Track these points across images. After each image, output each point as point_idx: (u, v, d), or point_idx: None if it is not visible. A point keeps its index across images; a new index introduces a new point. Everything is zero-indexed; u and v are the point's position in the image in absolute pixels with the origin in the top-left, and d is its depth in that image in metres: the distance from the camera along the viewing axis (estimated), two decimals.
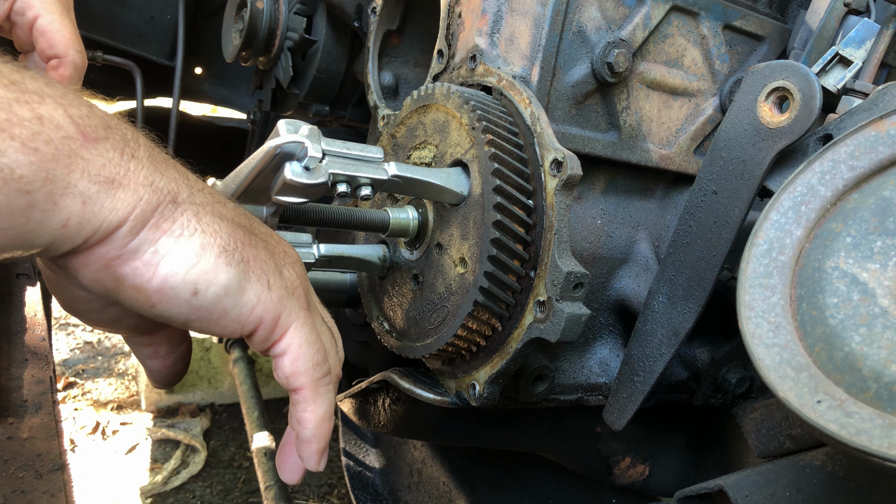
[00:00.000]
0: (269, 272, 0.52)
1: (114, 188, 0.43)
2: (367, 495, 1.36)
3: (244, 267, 0.49)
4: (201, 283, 0.47)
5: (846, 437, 0.44)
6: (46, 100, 0.42)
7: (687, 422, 1.16)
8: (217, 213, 0.49)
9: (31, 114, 0.40)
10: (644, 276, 0.94)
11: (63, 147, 0.41)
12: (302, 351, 0.54)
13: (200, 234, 0.47)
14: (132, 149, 0.45)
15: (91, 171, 0.42)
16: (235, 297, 0.49)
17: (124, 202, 0.44)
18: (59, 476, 0.81)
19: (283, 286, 0.53)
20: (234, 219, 0.52)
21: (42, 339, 1.08)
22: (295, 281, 0.55)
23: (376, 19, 1.07)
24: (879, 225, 0.54)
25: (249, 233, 0.52)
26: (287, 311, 0.52)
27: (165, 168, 0.47)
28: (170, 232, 0.46)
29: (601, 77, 0.86)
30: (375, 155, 0.74)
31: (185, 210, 0.47)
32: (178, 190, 0.47)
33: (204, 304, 0.48)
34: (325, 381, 0.56)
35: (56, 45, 0.85)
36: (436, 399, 0.87)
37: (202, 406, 2.72)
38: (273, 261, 0.53)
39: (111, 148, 0.44)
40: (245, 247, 0.50)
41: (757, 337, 0.54)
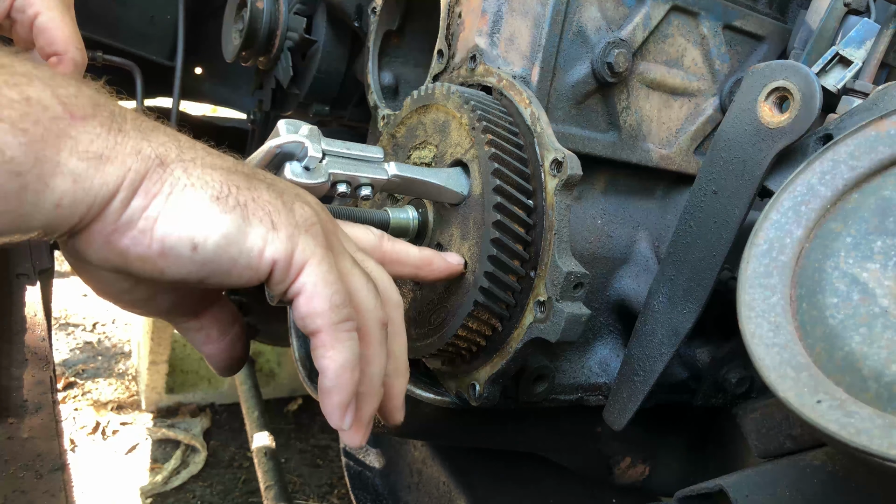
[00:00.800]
0: (274, 211, 0.50)
1: (102, 163, 0.44)
2: (367, 495, 1.36)
3: (241, 211, 0.48)
4: (198, 236, 0.46)
5: (846, 437, 0.44)
6: (34, 81, 0.42)
7: (687, 422, 1.16)
8: (209, 164, 0.49)
9: (20, 95, 0.41)
10: (644, 276, 0.94)
11: (51, 127, 0.42)
12: (317, 290, 0.51)
13: (189, 188, 0.47)
14: (119, 123, 0.46)
15: (79, 148, 0.43)
16: (238, 243, 0.48)
17: (113, 175, 0.44)
18: (59, 476, 0.81)
19: (291, 223, 0.51)
20: (231, 168, 0.51)
21: (42, 339, 1.08)
22: (309, 217, 0.53)
23: (376, 19, 1.07)
24: (880, 225, 0.54)
25: (249, 178, 0.51)
26: (300, 248, 0.51)
27: (154, 134, 0.48)
28: (159, 193, 0.46)
29: (601, 77, 0.86)
30: (375, 155, 0.74)
31: (174, 169, 0.47)
32: (166, 152, 0.47)
33: (208, 256, 0.47)
34: (345, 326, 0.52)
35: (56, 42, 0.86)
36: (436, 399, 0.87)
37: (202, 406, 2.72)
38: (280, 200, 0.52)
39: (98, 124, 0.44)
40: (241, 190, 0.49)
41: (757, 337, 0.54)
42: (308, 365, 1.31)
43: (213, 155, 0.51)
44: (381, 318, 0.57)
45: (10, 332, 1.07)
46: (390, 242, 0.70)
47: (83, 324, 3.12)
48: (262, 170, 0.57)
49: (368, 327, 0.56)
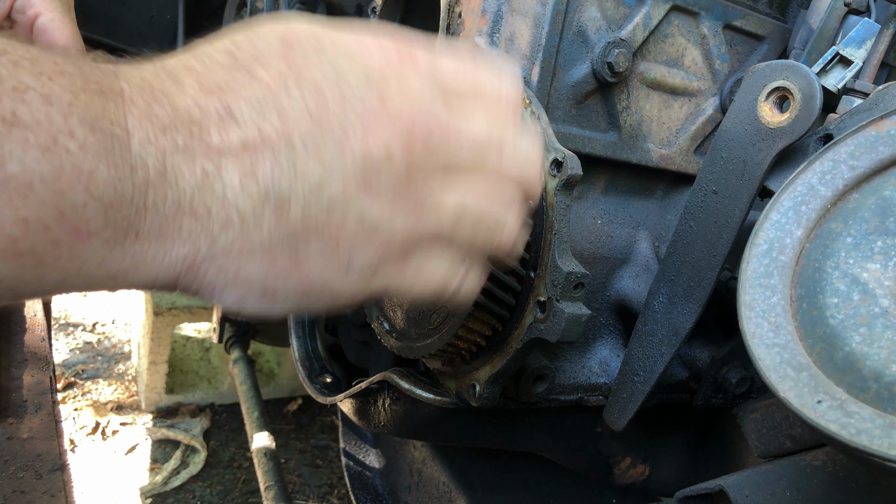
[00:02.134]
0: (331, 281, 0.47)
1: (118, 279, 0.39)
2: (367, 495, 1.36)
3: (297, 295, 0.46)
4: (263, 313, 0.46)
5: (846, 437, 0.44)
6: (33, 192, 0.34)
7: (687, 422, 1.16)
8: (245, 252, 0.42)
9: (13, 217, 0.33)
10: (644, 276, 0.94)
11: (51, 253, 0.35)
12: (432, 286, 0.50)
13: (232, 289, 0.43)
14: (136, 226, 0.38)
15: (87, 270, 0.37)
16: (311, 309, 0.48)
17: (139, 283, 0.40)
18: (59, 476, 0.81)
19: (352, 281, 0.47)
20: (273, 235, 0.43)
21: (42, 339, 1.08)
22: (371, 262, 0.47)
23: (376, 19, 1.07)
24: (880, 225, 0.54)
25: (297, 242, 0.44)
26: (382, 286, 0.49)
27: (178, 227, 0.39)
28: (199, 290, 0.43)
29: (601, 77, 0.86)
30: None
31: (207, 269, 0.41)
32: (195, 250, 0.40)
33: (278, 316, 0.48)
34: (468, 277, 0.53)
35: (56, 43, 0.86)
36: (436, 399, 0.87)
37: (202, 406, 2.72)
38: (335, 260, 0.47)
39: (110, 238, 0.37)
40: (290, 274, 0.46)
41: (757, 337, 0.54)
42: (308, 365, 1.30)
43: (250, 222, 0.41)
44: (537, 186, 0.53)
45: (10, 332, 1.07)
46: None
47: (83, 324, 3.12)
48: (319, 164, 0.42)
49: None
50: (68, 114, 0.35)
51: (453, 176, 0.47)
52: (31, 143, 0.33)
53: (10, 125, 0.33)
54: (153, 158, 0.38)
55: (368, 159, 0.43)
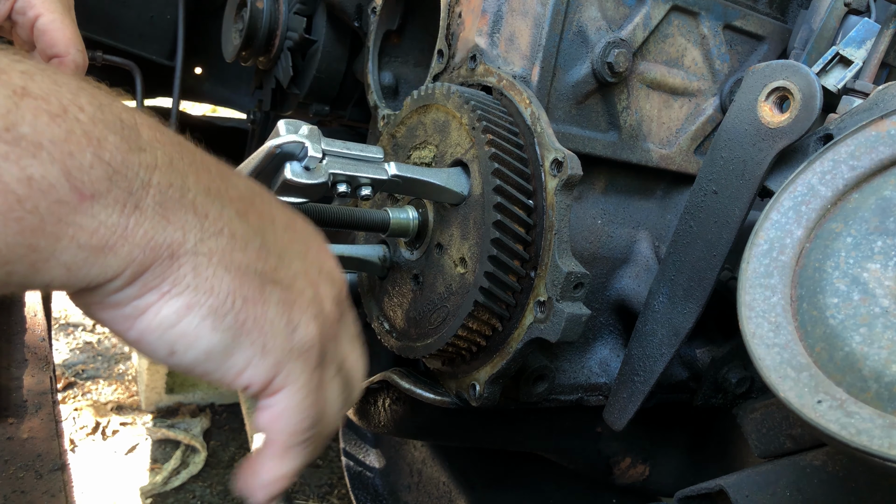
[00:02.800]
0: (271, 334, 0.46)
1: (103, 254, 0.38)
2: (367, 495, 1.36)
3: (235, 331, 0.44)
4: (178, 346, 0.43)
5: (846, 437, 0.44)
6: (42, 152, 0.35)
7: (687, 422, 1.16)
8: (225, 264, 0.43)
9: (19, 174, 0.34)
10: (644, 276, 0.94)
11: (51, 215, 0.36)
12: (286, 415, 0.48)
13: (191, 293, 0.42)
14: (137, 198, 0.39)
15: (80, 238, 0.37)
16: (219, 360, 0.44)
17: (113, 266, 0.39)
18: (59, 476, 0.81)
19: (286, 348, 0.47)
20: (250, 266, 0.45)
21: (42, 339, 1.08)
22: (309, 340, 0.49)
23: (376, 19, 1.07)
24: (880, 225, 0.54)
25: (265, 282, 0.46)
26: (283, 374, 0.47)
27: (176, 212, 0.41)
28: (156, 288, 0.41)
29: (601, 77, 0.86)
30: (375, 155, 0.74)
31: (183, 264, 0.41)
32: (183, 239, 0.41)
33: (182, 363, 0.44)
34: (300, 448, 0.50)
35: (57, 44, 0.85)
36: (436, 399, 0.87)
37: (202, 406, 2.72)
38: (286, 318, 0.47)
39: (110, 204, 0.38)
40: (247, 305, 0.44)
41: (757, 337, 0.54)
42: None
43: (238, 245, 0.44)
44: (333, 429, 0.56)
45: (10, 332, 1.07)
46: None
47: (83, 324, 3.12)
48: (291, 244, 0.50)
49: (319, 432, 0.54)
50: (77, 93, 0.37)
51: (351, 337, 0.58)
52: (41, 110, 0.35)
53: (22, 96, 0.35)
54: (162, 152, 0.41)
55: (322, 268, 0.52)
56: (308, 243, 0.52)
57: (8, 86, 0.35)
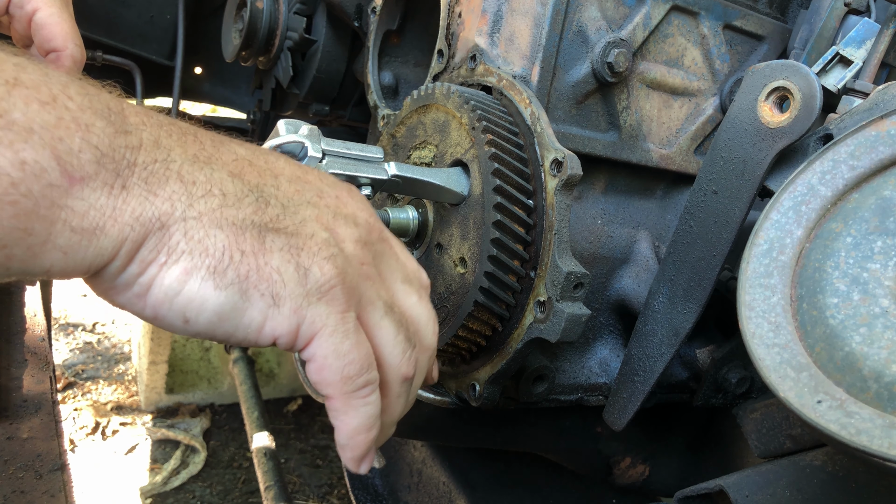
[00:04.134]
0: (279, 282, 0.45)
1: (96, 236, 0.40)
2: (367, 495, 1.36)
3: (239, 286, 0.44)
4: (189, 312, 0.43)
5: (846, 437, 0.44)
6: (34, 137, 0.37)
7: (687, 422, 1.16)
8: (217, 221, 0.44)
9: (14, 157, 0.36)
10: (644, 276, 0.94)
11: (44, 198, 0.37)
12: (327, 363, 0.47)
13: (187, 257, 0.43)
14: (124, 178, 0.40)
15: (73, 222, 0.39)
16: (232, 319, 0.44)
17: (108, 246, 0.40)
18: (59, 476, 0.81)
19: (300, 294, 0.46)
20: (245, 220, 0.45)
21: (42, 339, 1.08)
22: (328, 280, 0.47)
23: (376, 19, 1.07)
24: (880, 225, 0.54)
25: (265, 231, 0.46)
26: (308, 321, 0.46)
27: (162, 186, 0.42)
28: (154, 261, 0.42)
29: (601, 77, 0.86)
30: (375, 155, 0.74)
31: (175, 231, 0.42)
32: (171, 209, 0.42)
33: (200, 329, 0.44)
34: (360, 394, 0.49)
35: (55, 38, 0.85)
36: (436, 399, 0.87)
37: (202, 406, 2.72)
38: (294, 262, 0.46)
39: (99, 187, 0.39)
40: (246, 256, 0.44)
41: (757, 337, 0.54)
42: None
43: (230, 202, 0.45)
44: (406, 373, 0.54)
45: (10, 332, 1.07)
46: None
47: (83, 324, 3.12)
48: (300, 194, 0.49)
49: (390, 382, 0.53)
50: (66, 85, 0.40)
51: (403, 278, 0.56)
52: (32, 98, 0.37)
53: (13, 86, 0.37)
54: (147, 134, 0.43)
55: (340, 211, 0.51)
56: (322, 191, 0.51)
57: (1, 75, 0.37)
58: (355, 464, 0.52)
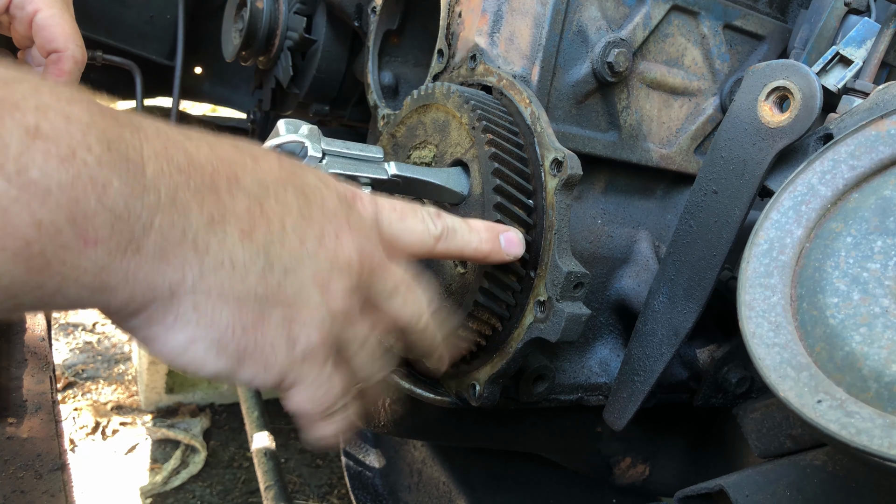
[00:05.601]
0: (272, 354, 0.49)
1: (105, 293, 0.41)
2: (367, 495, 1.36)
3: (238, 357, 0.48)
4: (190, 368, 0.47)
5: (846, 436, 0.44)
6: (51, 197, 0.36)
7: (687, 422, 1.16)
8: (224, 296, 0.45)
9: (30, 219, 0.36)
10: (644, 275, 0.94)
11: (57, 258, 0.37)
12: (303, 405, 0.54)
13: (193, 327, 0.45)
14: (138, 242, 0.40)
15: (83, 280, 0.39)
16: (228, 377, 0.49)
17: (115, 303, 0.42)
18: (59, 476, 0.81)
19: (287, 362, 0.50)
20: (251, 291, 0.47)
21: (42, 339, 1.08)
22: (312, 347, 0.51)
23: (376, 19, 1.07)
24: (880, 224, 0.54)
25: (265, 305, 0.48)
26: (290, 379, 0.51)
27: (176, 253, 0.43)
28: (161, 323, 0.44)
29: (601, 77, 0.86)
30: (375, 155, 0.74)
31: (183, 302, 0.44)
32: (182, 279, 0.43)
33: (200, 374, 0.48)
34: (330, 419, 0.56)
35: (56, 39, 0.85)
36: (436, 399, 0.87)
37: (202, 406, 2.72)
38: (286, 334, 0.49)
39: (113, 248, 0.39)
40: (247, 332, 0.47)
41: (757, 337, 0.54)
42: None
43: (238, 274, 0.46)
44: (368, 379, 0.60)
45: (10, 332, 1.07)
46: (445, 243, 0.65)
47: (83, 324, 3.12)
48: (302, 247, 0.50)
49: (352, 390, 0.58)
50: (87, 132, 0.38)
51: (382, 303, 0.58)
52: (51, 154, 0.36)
53: (34, 137, 0.36)
54: (166, 188, 0.42)
55: (336, 262, 0.52)
56: (323, 235, 0.52)
57: (22, 125, 0.36)
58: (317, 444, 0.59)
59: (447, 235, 0.65)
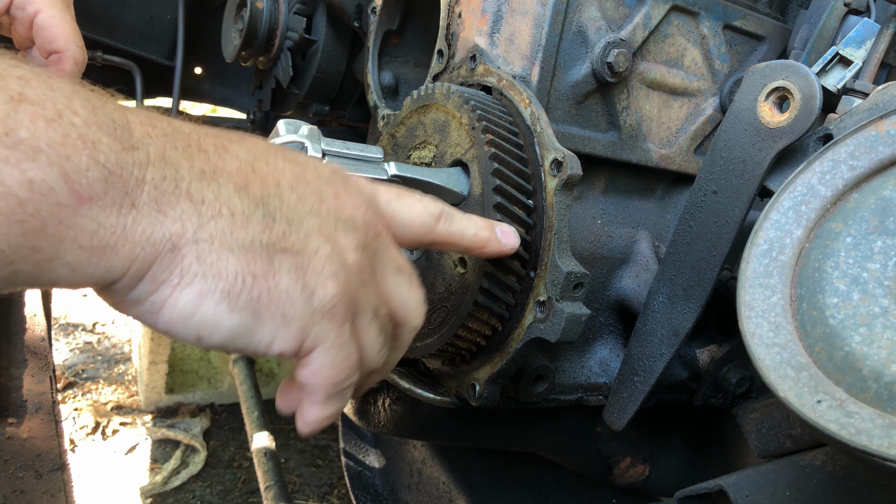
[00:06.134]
0: (289, 303, 0.47)
1: (105, 254, 0.39)
2: (367, 495, 1.36)
3: (253, 308, 0.45)
4: (203, 331, 0.44)
5: (846, 436, 0.44)
6: (41, 156, 0.36)
7: (687, 422, 1.16)
8: (228, 245, 0.44)
9: (21, 178, 0.35)
10: (644, 276, 0.94)
11: (52, 217, 0.37)
12: (322, 371, 0.50)
13: (200, 280, 0.43)
14: (133, 197, 0.40)
15: (81, 241, 0.38)
16: (244, 338, 0.46)
17: (117, 265, 0.40)
18: (59, 476, 0.81)
19: (307, 313, 0.47)
20: (254, 242, 0.45)
21: (42, 339, 1.08)
22: (331, 299, 0.49)
23: (376, 19, 1.07)
24: (879, 225, 0.54)
25: (273, 252, 0.46)
26: (312, 336, 0.48)
27: (172, 205, 0.42)
28: (167, 282, 0.42)
29: (601, 77, 0.86)
30: (375, 155, 0.74)
31: (187, 253, 0.42)
32: (181, 230, 0.42)
33: (213, 345, 0.45)
34: (340, 396, 0.52)
35: (56, 39, 0.85)
36: (436, 399, 0.87)
37: (202, 406, 2.72)
38: (301, 282, 0.47)
39: (108, 205, 0.39)
40: (258, 280, 0.45)
41: (757, 337, 0.54)
42: None
43: (238, 223, 0.45)
44: (373, 368, 0.57)
45: (10, 332, 1.07)
46: (446, 225, 0.64)
47: (83, 324, 3.12)
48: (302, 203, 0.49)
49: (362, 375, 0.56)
50: (71, 97, 0.39)
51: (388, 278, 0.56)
52: (38, 115, 0.37)
53: (19, 102, 0.36)
54: (154, 148, 0.42)
55: (340, 217, 0.51)
56: (321, 194, 0.51)
57: (6, 91, 0.36)
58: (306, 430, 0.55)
59: (446, 217, 0.64)
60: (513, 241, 0.71)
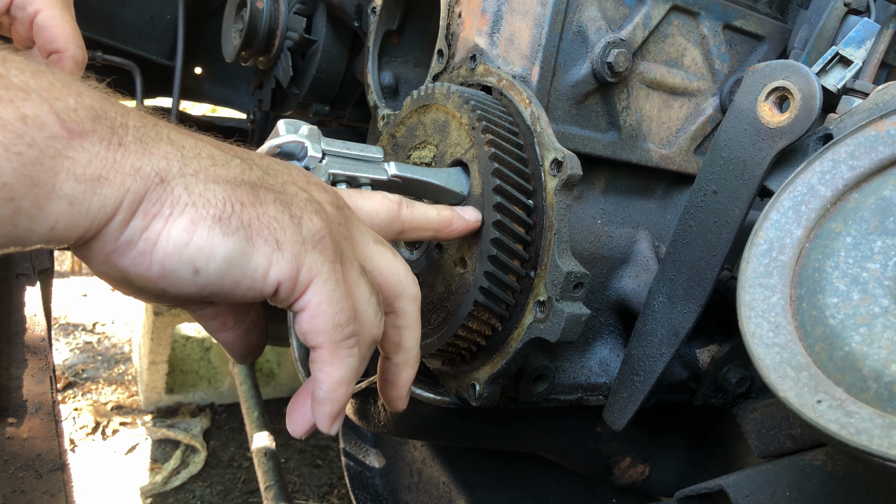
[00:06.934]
0: (279, 229, 0.48)
1: (100, 185, 0.42)
2: (367, 495, 1.36)
3: (244, 232, 0.46)
4: (199, 261, 0.45)
5: (846, 436, 0.44)
6: (31, 95, 0.40)
7: (687, 422, 1.16)
8: (212, 177, 0.47)
9: (15, 114, 0.39)
10: (644, 275, 0.94)
11: (47, 148, 0.40)
12: (322, 309, 0.50)
13: (191, 209, 0.45)
14: (119, 135, 0.43)
15: (76, 171, 0.41)
16: (241, 265, 0.46)
17: (111, 197, 0.42)
18: (59, 476, 0.81)
19: (298, 240, 0.49)
20: (237, 178, 0.48)
21: (42, 339, 1.08)
22: (318, 231, 0.51)
23: (376, 19, 1.07)
24: (879, 225, 0.54)
25: (255, 189, 0.49)
26: (306, 266, 0.49)
27: (155, 146, 0.45)
28: (159, 214, 0.44)
29: (601, 77, 0.86)
30: (375, 155, 0.74)
31: (175, 186, 0.45)
32: (167, 167, 0.45)
33: (210, 279, 0.46)
34: (347, 344, 0.52)
35: (56, 39, 0.85)
36: (436, 399, 0.87)
37: (202, 406, 2.72)
38: (288, 213, 0.49)
39: (97, 141, 0.42)
40: (246, 207, 0.47)
41: (757, 337, 0.54)
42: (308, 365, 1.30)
43: (219, 163, 0.48)
44: (375, 336, 0.56)
45: (10, 332, 1.07)
46: (409, 209, 0.68)
47: (83, 324, 3.12)
48: (273, 164, 0.54)
49: (361, 342, 0.55)
50: (51, 69, 0.44)
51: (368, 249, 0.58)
52: (24, 69, 0.41)
53: (4, 60, 0.41)
54: (133, 112, 0.46)
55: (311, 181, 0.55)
56: (288, 167, 0.55)
57: None
58: (330, 421, 0.54)
59: (407, 203, 0.68)
60: (475, 216, 0.75)
